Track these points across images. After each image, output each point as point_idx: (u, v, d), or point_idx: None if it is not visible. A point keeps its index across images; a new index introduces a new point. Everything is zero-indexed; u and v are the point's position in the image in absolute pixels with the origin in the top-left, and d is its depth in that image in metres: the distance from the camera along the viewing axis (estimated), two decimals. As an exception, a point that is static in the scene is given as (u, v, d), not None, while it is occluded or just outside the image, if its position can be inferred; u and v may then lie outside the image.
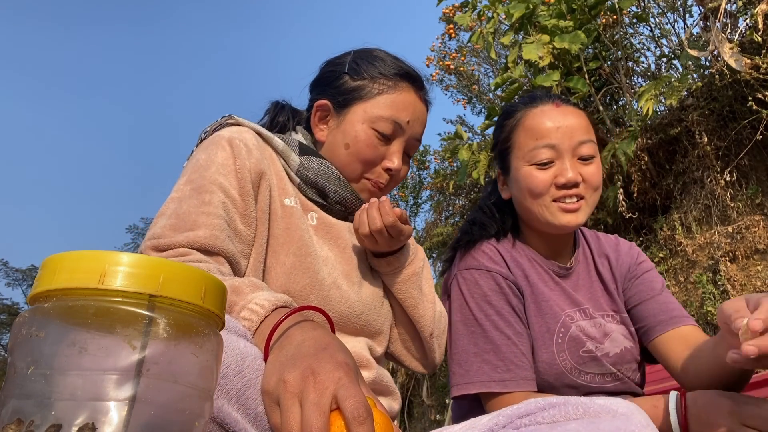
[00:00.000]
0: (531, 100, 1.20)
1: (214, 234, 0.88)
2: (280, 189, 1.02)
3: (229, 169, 0.95)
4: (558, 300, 1.18)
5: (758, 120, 3.39)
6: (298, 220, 1.00)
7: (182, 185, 0.95)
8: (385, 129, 1.05)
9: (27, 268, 18.21)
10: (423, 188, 8.19)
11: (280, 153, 1.06)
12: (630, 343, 1.18)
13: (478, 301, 1.13)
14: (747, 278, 3.45)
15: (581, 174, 1.12)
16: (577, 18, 3.75)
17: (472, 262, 1.18)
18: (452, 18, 5.61)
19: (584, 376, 1.14)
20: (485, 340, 1.10)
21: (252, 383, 0.61)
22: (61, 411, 0.38)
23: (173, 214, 0.90)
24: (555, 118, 1.14)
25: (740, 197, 3.66)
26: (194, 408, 0.43)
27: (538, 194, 1.13)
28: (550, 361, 1.12)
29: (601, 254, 1.28)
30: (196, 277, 0.44)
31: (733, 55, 3.17)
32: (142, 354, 0.40)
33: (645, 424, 0.68)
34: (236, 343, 0.63)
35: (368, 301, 1.05)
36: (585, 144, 1.13)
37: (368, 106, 1.06)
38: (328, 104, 1.09)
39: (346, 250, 1.06)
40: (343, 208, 1.09)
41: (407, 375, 5.99)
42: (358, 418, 0.53)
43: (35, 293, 0.42)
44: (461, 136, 4.94)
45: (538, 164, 1.13)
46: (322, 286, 0.98)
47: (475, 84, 6.65)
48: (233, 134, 0.99)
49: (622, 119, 4.45)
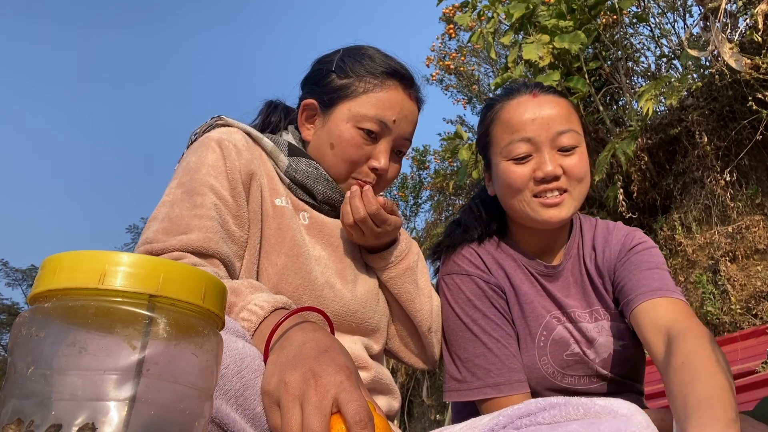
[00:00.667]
0: (509, 92, 1.15)
1: (207, 236, 0.88)
2: (270, 189, 1.02)
3: (219, 171, 0.95)
4: (542, 302, 1.15)
5: (758, 120, 3.39)
6: (289, 220, 1.00)
7: (173, 188, 0.94)
8: (371, 128, 1.03)
9: (27, 268, 18.20)
10: (423, 188, 8.19)
11: (269, 153, 1.06)
12: (622, 341, 1.13)
13: (463, 306, 1.12)
14: (747, 278, 3.45)
15: (562, 166, 1.06)
16: (577, 18, 3.75)
17: (453, 267, 1.16)
18: (452, 18, 5.61)
19: (568, 379, 1.13)
20: (475, 345, 1.09)
21: (250, 384, 0.61)
22: (61, 411, 0.38)
23: (165, 218, 0.90)
24: (531, 110, 1.08)
25: (740, 197, 3.66)
26: (194, 408, 0.43)
27: (517, 190, 1.08)
28: (530, 365, 1.11)
29: (591, 247, 1.20)
30: (196, 277, 0.44)
31: (733, 55, 3.17)
32: (142, 354, 0.40)
33: (645, 425, 0.68)
34: (235, 343, 0.63)
35: (363, 298, 1.05)
36: (565, 134, 1.07)
37: (353, 105, 1.04)
38: (315, 103, 1.09)
39: (338, 249, 1.06)
40: (330, 209, 1.09)
41: (407, 375, 5.99)
42: (359, 422, 0.54)
43: (35, 293, 0.42)
44: (461, 136, 4.94)
45: (515, 159, 1.08)
46: (315, 285, 0.98)
47: (475, 84, 6.65)
48: (222, 135, 0.99)
49: (622, 119, 4.45)
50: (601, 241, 1.19)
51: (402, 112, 1.06)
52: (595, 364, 1.13)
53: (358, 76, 1.06)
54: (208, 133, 1.01)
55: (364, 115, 1.03)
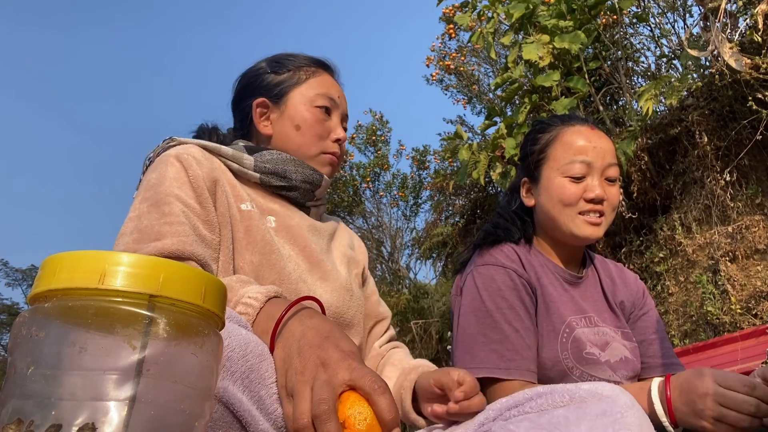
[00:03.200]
0: (569, 119, 1.33)
1: (181, 240, 0.89)
2: (234, 196, 1.04)
3: (182, 181, 0.96)
4: (566, 304, 1.24)
5: (758, 120, 3.39)
6: (257, 222, 1.03)
7: (138, 204, 0.95)
8: (326, 104, 1.15)
9: (27, 268, 18.20)
10: (423, 188, 8.20)
11: (231, 158, 1.08)
12: (630, 355, 1.24)
13: (491, 294, 1.19)
14: (747, 278, 3.46)
15: (606, 192, 1.23)
16: (577, 18, 3.75)
17: (489, 259, 1.25)
18: (452, 18, 5.61)
19: (586, 377, 1.18)
20: (495, 331, 1.15)
21: (255, 367, 0.62)
22: (61, 411, 0.38)
23: (135, 230, 0.91)
24: (591, 138, 1.25)
25: (740, 197, 3.66)
26: (194, 408, 0.43)
27: (568, 204, 1.23)
28: (554, 359, 1.17)
29: (608, 276, 1.37)
30: (196, 277, 0.44)
31: (733, 55, 3.17)
32: (142, 354, 0.40)
33: (630, 405, 0.71)
34: (239, 330, 0.64)
35: (335, 293, 1.07)
36: (612, 166, 1.25)
37: (303, 90, 1.15)
38: (265, 100, 1.16)
39: (305, 249, 1.09)
40: (309, 185, 1.13)
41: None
42: (378, 390, 0.57)
43: (35, 293, 0.42)
44: (461, 136, 4.94)
45: (572, 177, 1.23)
46: (290, 279, 1.01)
47: (475, 84, 6.65)
48: (180, 151, 1.01)
49: (622, 119, 4.45)
50: (618, 275, 1.39)
51: (339, 91, 1.20)
52: (608, 368, 1.20)
53: (295, 69, 1.17)
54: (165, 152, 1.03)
55: (316, 95, 1.15)
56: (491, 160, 4.07)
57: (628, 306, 1.35)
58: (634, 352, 1.26)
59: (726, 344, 2.79)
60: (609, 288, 1.34)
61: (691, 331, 3.51)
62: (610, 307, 1.31)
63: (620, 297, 1.34)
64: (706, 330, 3.39)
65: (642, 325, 1.33)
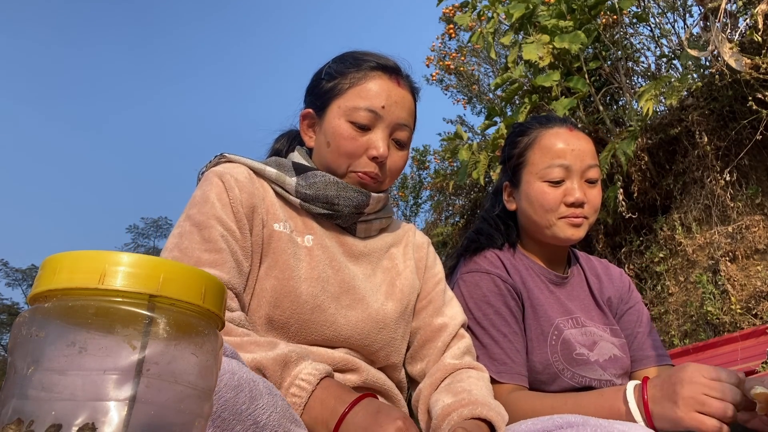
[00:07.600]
0: (546, 121, 1.30)
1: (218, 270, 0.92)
2: (270, 215, 1.04)
3: (224, 203, 0.99)
4: (553, 306, 1.24)
5: (758, 120, 3.39)
6: (284, 245, 1.02)
7: (182, 221, 0.99)
8: (361, 119, 1.04)
9: (27, 268, 18.22)
10: (423, 188, 8.20)
11: (275, 181, 1.08)
12: (619, 352, 1.24)
13: (477, 302, 1.19)
14: (747, 278, 3.45)
15: (586, 195, 1.21)
16: (577, 18, 3.75)
17: (473, 266, 1.25)
18: (452, 18, 5.61)
19: (578, 378, 1.18)
20: (483, 338, 1.16)
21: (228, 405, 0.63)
22: (61, 411, 0.38)
23: (175, 248, 0.94)
24: (569, 141, 1.23)
25: (740, 197, 3.66)
26: (194, 408, 0.43)
27: (549, 210, 1.22)
28: (544, 362, 1.17)
29: (594, 273, 1.37)
30: (196, 277, 0.44)
31: (733, 55, 3.17)
32: (142, 354, 0.40)
33: None
34: (247, 372, 0.67)
35: (358, 326, 1.02)
36: (592, 168, 1.23)
37: (341, 101, 1.06)
38: (311, 111, 1.12)
39: (339, 273, 1.05)
40: (354, 210, 1.08)
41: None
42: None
43: (35, 293, 0.42)
44: (461, 136, 4.94)
45: (551, 181, 1.21)
46: (303, 309, 0.99)
47: (475, 84, 6.65)
48: (225, 170, 1.03)
49: (622, 119, 4.45)
50: (603, 272, 1.39)
51: (390, 98, 1.06)
52: (598, 367, 1.20)
53: (343, 75, 1.08)
54: (213, 168, 1.05)
55: (353, 107, 1.05)
56: (491, 160, 4.07)
57: (615, 301, 1.34)
58: (623, 348, 1.25)
59: (726, 344, 2.79)
60: (595, 286, 1.34)
61: (691, 331, 3.51)
62: (598, 304, 1.31)
63: (607, 293, 1.34)
64: (706, 330, 3.39)
65: (629, 318, 1.32)
